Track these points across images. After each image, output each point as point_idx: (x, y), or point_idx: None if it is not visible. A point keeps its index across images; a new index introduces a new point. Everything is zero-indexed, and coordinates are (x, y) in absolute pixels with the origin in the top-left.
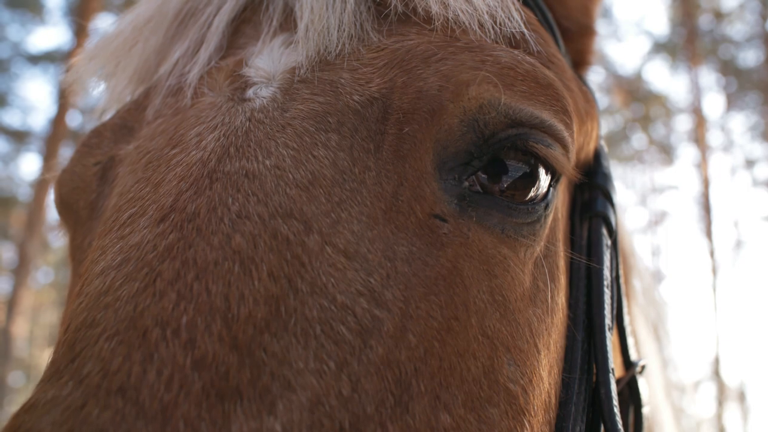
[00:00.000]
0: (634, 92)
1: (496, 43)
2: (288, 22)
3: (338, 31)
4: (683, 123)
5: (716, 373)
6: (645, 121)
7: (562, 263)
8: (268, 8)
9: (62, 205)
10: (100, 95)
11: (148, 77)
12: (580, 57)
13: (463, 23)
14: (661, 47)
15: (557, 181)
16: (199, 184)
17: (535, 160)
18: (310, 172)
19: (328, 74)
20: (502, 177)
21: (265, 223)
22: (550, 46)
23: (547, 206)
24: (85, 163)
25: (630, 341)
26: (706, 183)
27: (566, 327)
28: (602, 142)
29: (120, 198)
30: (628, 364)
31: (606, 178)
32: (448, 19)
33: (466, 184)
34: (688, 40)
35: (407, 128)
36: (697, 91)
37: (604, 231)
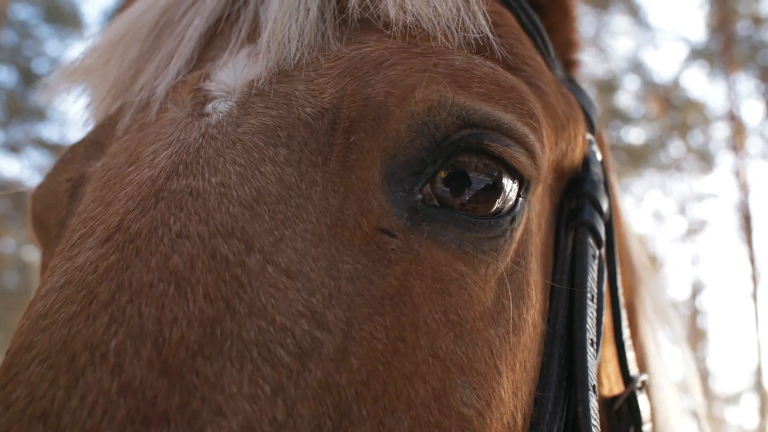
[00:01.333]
0: (671, 100)
1: (461, 48)
2: (255, 34)
3: (298, 41)
4: (721, 130)
5: (758, 384)
6: (683, 129)
7: (534, 278)
8: (238, 19)
9: (35, 221)
10: (78, 111)
11: (124, 92)
12: (566, 53)
13: (424, 29)
14: (698, 54)
15: (527, 190)
16: (146, 203)
17: (498, 170)
18: (255, 189)
19: (284, 86)
20: (464, 189)
21: (204, 243)
22: (524, 49)
23: (513, 219)
24: (58, 179)
25: (629, 356)
26: (745, 191)
27: (542, 344)
28: (594, 148)
29: (77, 217)
30: (627, 379)
31: (594, 185)
32: (407, 24)
33: (420, 196)
34: (726, 46)
35: (353, 137)
36: (735, 98)
37: (591, 241)
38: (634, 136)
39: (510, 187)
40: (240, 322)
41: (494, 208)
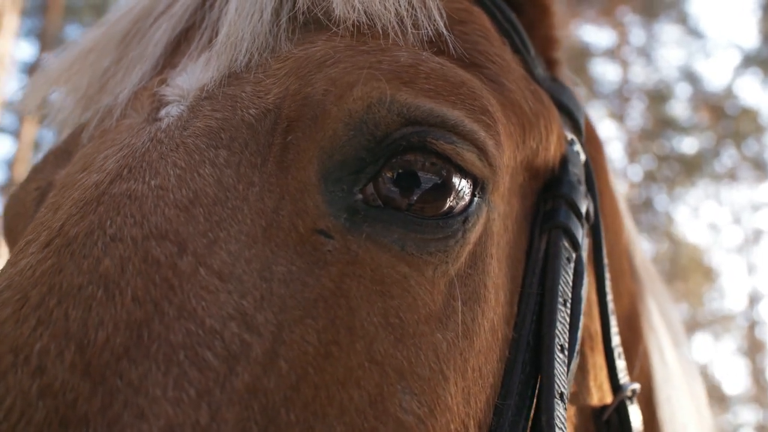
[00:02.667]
0: (724, 108)
1: (414, 46)
2: (215, 38)
3: (249, 43)
4: None
5: None
6: (736, 138)
7: (494, 281)
8: (202, 24)
9: (7, 230)
10: (52, 120)
11: (94, 100)
12: (546, 51)
13: (375, 27)
14: (751, 61)
15: (483, 190)
16: (87, 207)
17: (446, 168)
18: (193, 192)
19: (233, 89)
20: (412, 189)
21: (137, 246)
22: (490, 47)
23: (466, 220)
24: (28, 188)
25: (620, 364)
26: None
27: (505, 350)
28: (576, 148)
29: (30, 224)
30: (617, 388)
31: (572, 186)
32: (357, 23)
33: (360, 196)
34: None
35: (290, 137)
36: None
37: (566, 244)
38: (688, 145)
39: (461, 186)
40: (168, 325)
41: (444, 209)
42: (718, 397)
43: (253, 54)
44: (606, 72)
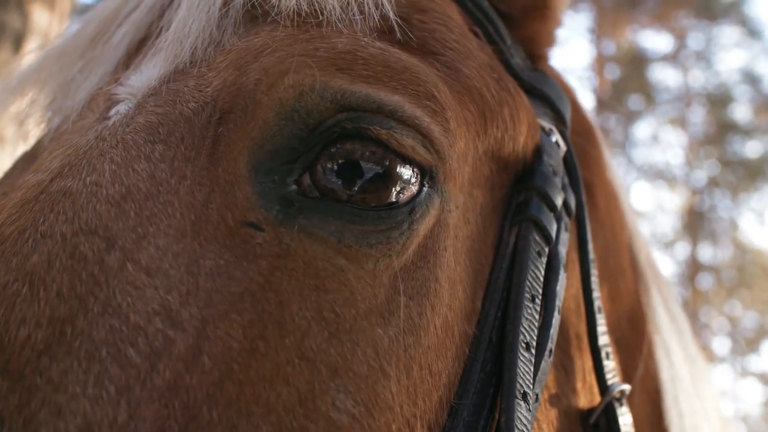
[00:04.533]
0: None
1: (361, 34)
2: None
3: (195, 37)
4: None
5: None
6: None
7: (449, 276)
8: (159, 24)
9: None
10: (20, 125)
11: (61, 104)
12: (532, 45)
13: (319, 16)
14: None
15: (432, 179)
16: (26, 206)
17: (388, 157)
18: (125, 187)
19: (177, 84)
20: (352, 180)
21: (65, 242)
22: (450, 34)
23: (413, 211)
24: None
25: (608, 365)
26: None
27: (463, 347)
28: (554, 138)
29: None
30: (604, 390)
31: (545, 178)
32: (300, 12)
33: (295, 187)
34: None
35: (222, 128)
36: None
37: (536, 237)
38: (751, 149)
39: (406, 175)
40: (92, 321)
41: (388, 200)
42: None
43: (197, 48)
44: (665, 77)
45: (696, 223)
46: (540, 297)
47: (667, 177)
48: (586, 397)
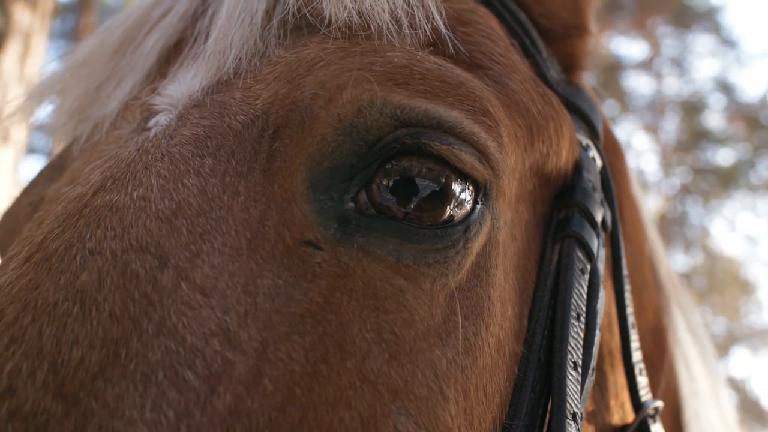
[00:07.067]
0: (759, 119)
1: (413, 46)
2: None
3: (239, 48)
4: None
5: None
6: None
7: (500, 294)
8: (194, 32)
9: (1, 246)
10: (47, 133)
11: (88, 112)
12: (570, 60)
13: (368, 28)
14: None
15: (486, 196)
16: (69, 220)
17: (445, 174)
18: (176, 202)
19: (222, 95)
20: (408, 197)
21: (116, 260)
22: (495, 47)
23: (468, 229)
24: (22, 203)
25: (641, 381)
26: None
27: (513, 367)
28: (591, 154)
29: (18, 238)
30: (638, 407)
31: (586, 194)
32: (350, 24)
33: (352, 205)
34: None
35: (277, 143)
36: None
37: (579, 254)
38: (723, 157)
39: (462, 192)
40: (147, 343)
41: (444, 217)
42: (756, 413)
43: (242, 59)
44: (639, 84)
45: (668, 229)
46: (584, 315)
47: (640, 183)
48: (618, 413)
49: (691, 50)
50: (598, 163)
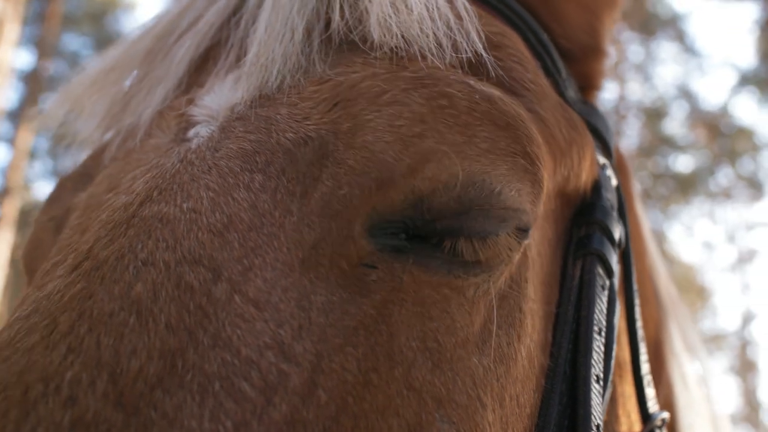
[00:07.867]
0: (720, 127)
1: (452, 67)
2: (243, 57)
3: (282, 63)
4: None
5: None
6: (732, 157)
7: (530, 306)
8: (227, 42)
9: (25, 265)
10: (71, 143)
11: (116, 120)
12: (586, 81)
13: (411, 49)
14: (747, 80)
15: (525, 232)
16: (117, 230)
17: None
18: (227, 216)
19: (266, 110)
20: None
21: (169, 271)
22: (526, 72)
23: (511, 249)
24: (42, 220)
25: (649, 392)
26: None
27: (541, 379)
28: (608, 172)
29: (55, 246)
30: (646, 418)
31: (605, 212)
32: (393, 46)
33: (404, 235)
34: None
35: (345, 189)
36: None
37: (600, 271)
38: (683, 163)
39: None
40: (203, 354)
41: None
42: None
43: (285, 75)
44: (602, 89)
45: None
46: (605, 330)
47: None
48: (626, 424)
49: (655, 57)
50: (614, 181)
